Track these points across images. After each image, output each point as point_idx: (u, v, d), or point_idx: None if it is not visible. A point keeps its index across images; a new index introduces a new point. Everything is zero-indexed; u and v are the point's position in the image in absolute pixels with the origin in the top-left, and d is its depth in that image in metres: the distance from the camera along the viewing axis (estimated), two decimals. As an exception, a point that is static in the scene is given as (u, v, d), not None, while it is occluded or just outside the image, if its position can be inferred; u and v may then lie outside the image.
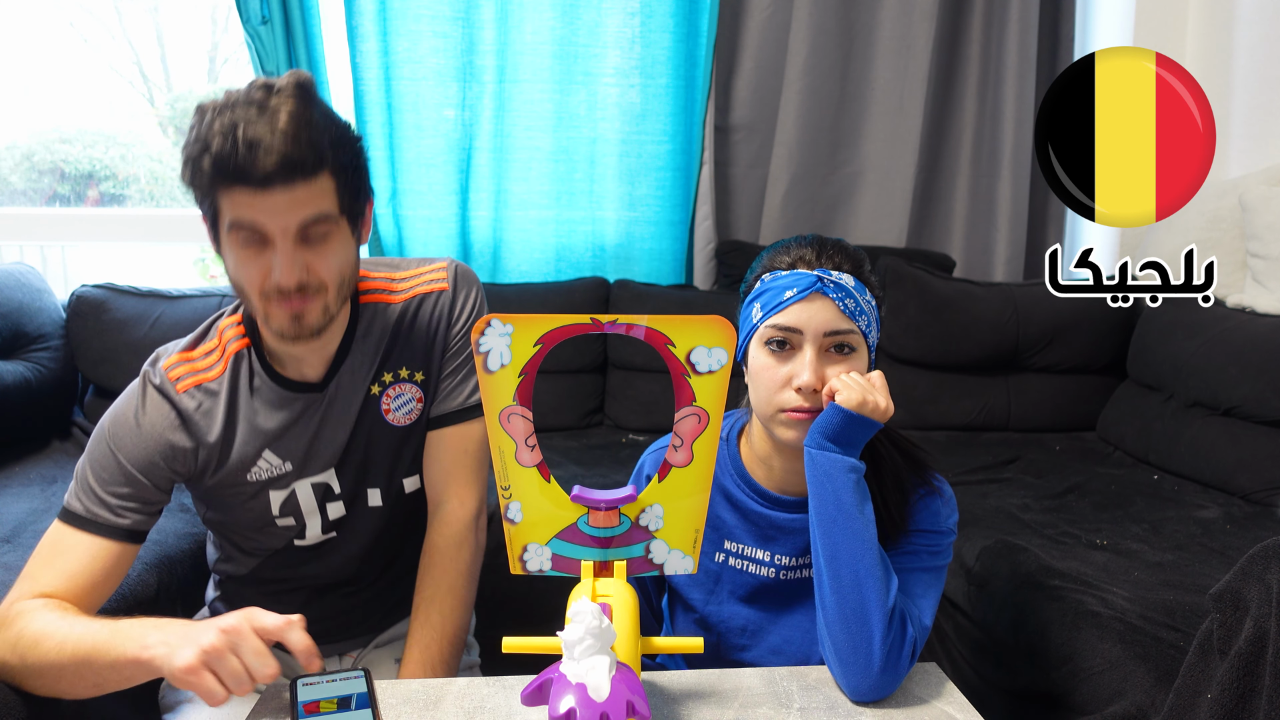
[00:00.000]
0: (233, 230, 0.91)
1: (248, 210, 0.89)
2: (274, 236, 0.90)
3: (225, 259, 0.95)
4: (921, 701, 0.87)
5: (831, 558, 0.88)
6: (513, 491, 0.79)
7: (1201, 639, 0.89)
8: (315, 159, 0.89)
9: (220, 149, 0.86)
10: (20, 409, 1.89)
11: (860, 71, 2.49)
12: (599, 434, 2.24)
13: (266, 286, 0.92)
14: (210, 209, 0.92)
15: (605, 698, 0.65)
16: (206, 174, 0.88)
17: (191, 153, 0.88)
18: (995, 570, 1.45)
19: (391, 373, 1.08)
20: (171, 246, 2.78)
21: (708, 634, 1.04)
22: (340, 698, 0.83)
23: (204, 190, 0.90)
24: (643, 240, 2.48)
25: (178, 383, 1.02)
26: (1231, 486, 1.79)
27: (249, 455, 1.04)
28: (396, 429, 1.09)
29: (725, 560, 1.02)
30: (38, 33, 2.57)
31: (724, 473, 1.03)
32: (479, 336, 0.72)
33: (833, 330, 0.90)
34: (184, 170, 0.90)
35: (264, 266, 0.92)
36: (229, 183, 0.88)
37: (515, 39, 2.31)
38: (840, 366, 0.91)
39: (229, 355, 1.04)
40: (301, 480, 1.06)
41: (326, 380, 1.06)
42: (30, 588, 0.94)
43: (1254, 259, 1.99)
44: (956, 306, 2.26)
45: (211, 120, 0.87)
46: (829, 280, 0.90)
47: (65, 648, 0.86)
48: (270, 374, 1.04)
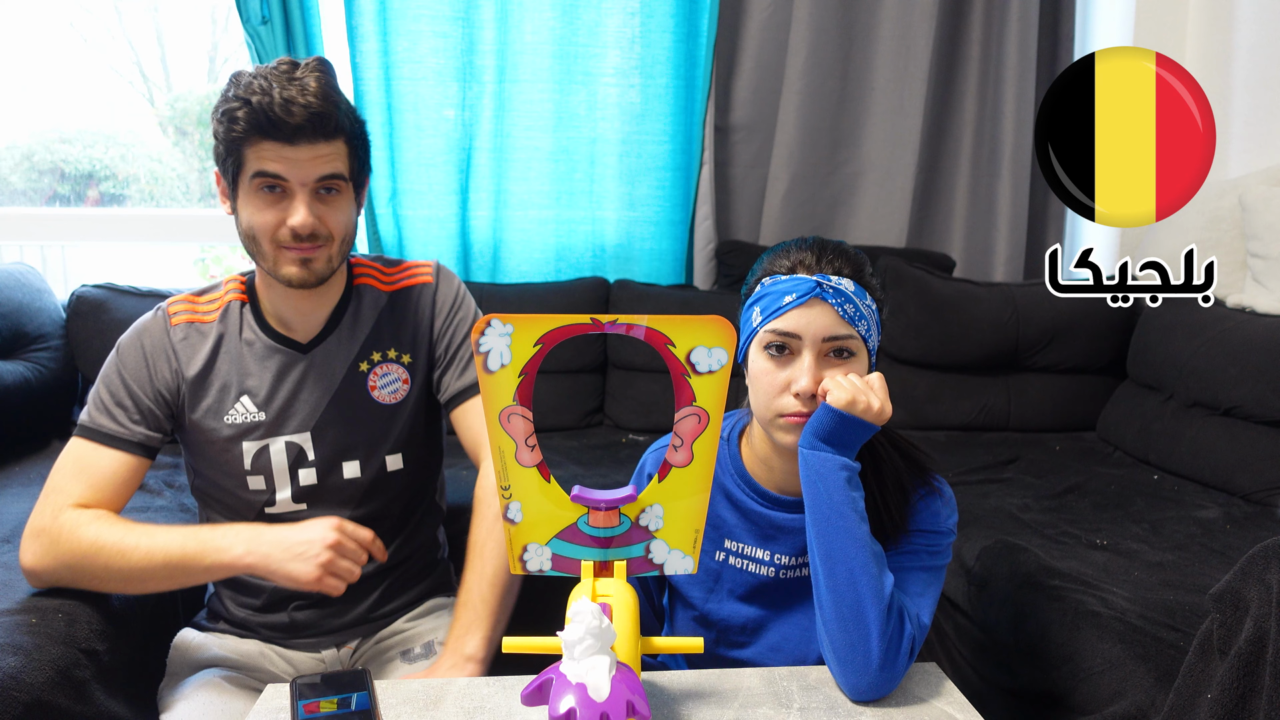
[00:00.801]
0: (256, 179, 1.03)
1: (275, 162, 1.02)
2: (294, 187, 1.03)
3: (241, 210, 1.06)
4: (921, 701, 0.87)
5: (826, 556, 0.89)
6: (513, 491, 0.79)
7: (1201, 639, 0.89)
8: (336, 123, 1.03)
9: (259, 104, 0.99)
10: (20, 409, 1.89)
11: (860, 71, 2.49)
12: (599, 434, 2.24)
13: (281, 232, 1.05)
14: (234, 163, 1.04)
15: (605, 698, 0.65)
16: (242, 125, 1.00)
17: (229, 107, 1.01)
18: (995, 570, 1.45)
19: (380, 352, 1.18)
20: (171, 246, 2.77)
21: (707, 631, 1.04)
22: (340, 698, 0.83)
23: (235, 142, 1.02)
24: (643, 240, 2.48)
25: (173, 316, 1.15)
26: (1231, 486, 1.79)
27: (228, 397, 1.13)
28: (382, 406, 1.17)
29: (725, 559, 1.03)
30: (38, 33, 2.57)
31: (724, 473, 1.03)
32: (479, 336, 0.72)
33: (831, 336, 0.90)
34: (219, 124, 1.02)
35: (281, 214, 1.04)
36: (262, 135, 1.00)
37: (515, 39, 2.31)
38: (839, 371, 0.91)
39: (224, 304, 1.16)
40: (276, 437, 1.13)
41: (313, 344, 1.15)
42: (64, 500, 1.06)
43: (1254, 259, 1.99)
44: (956, 306, 2.26)
45: (250, 81, 1.00)
46: (828, 286, 0.90)
47: (155, 556, 1.02)
48: (261, 326, 1.15)
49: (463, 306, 1.23)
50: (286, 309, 1.14)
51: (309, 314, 1.15)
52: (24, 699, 0.95)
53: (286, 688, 0.88)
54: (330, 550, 1.00)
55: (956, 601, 1.50)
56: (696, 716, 0.83)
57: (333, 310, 1.16)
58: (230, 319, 1.15)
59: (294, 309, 1.14)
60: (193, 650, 1.16)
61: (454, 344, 1.21)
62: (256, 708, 0.88)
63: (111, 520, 1.06)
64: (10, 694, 0.95)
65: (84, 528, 1.04)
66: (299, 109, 0.99)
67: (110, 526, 1.04)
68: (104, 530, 1.03)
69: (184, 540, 1.03)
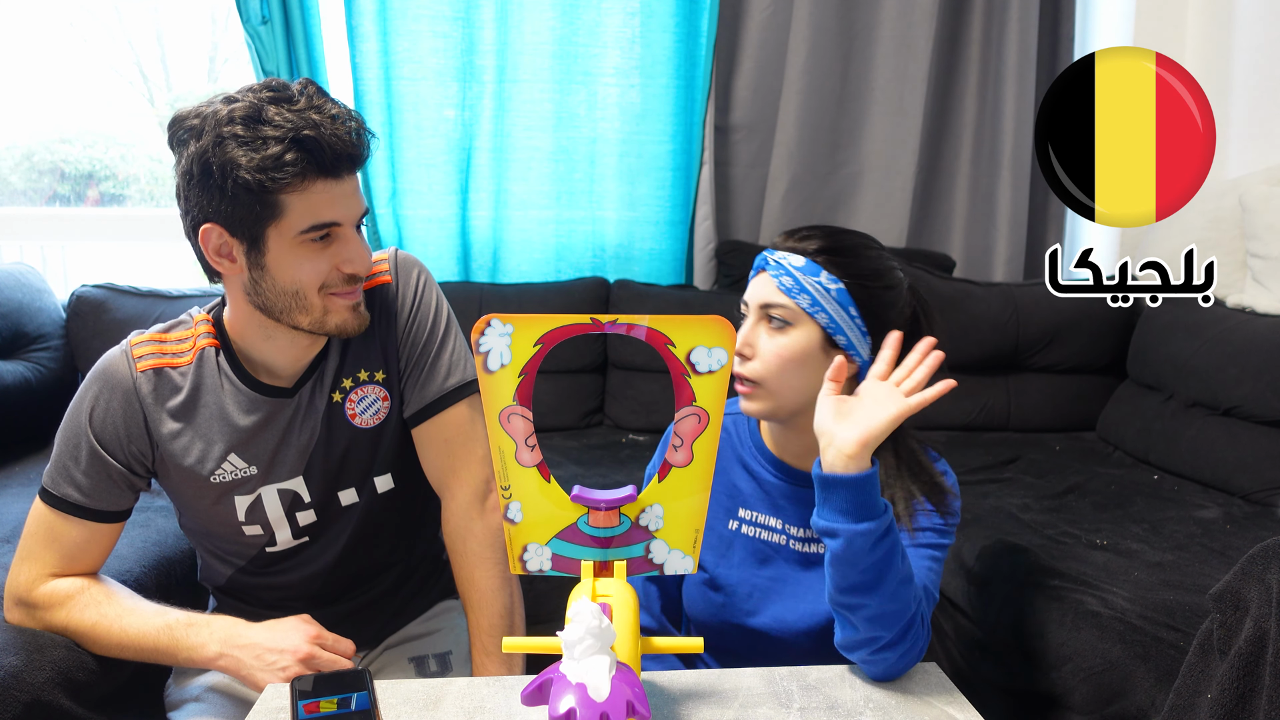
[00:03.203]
0: (309, 232, 0.92)
1: (328, 207, 0.92)
2: (345, 226, 0.94)
3: (276, 268, 0.94)
4: (921, 701, 0.87)
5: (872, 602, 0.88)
6: (513, 491, 0.79)
7: (1201, 639, 0.89)
8: (366, 148, 0.95)
9: (310, 139, 0.88)
10: (20, 409, 1.89)
11: (860, 71, 2.49)
12: (599, 434, 2.24)
13: (331, 279, 0.95)
14: (265, 217, 0.90)
15: (605, 698, 0.65)
16: (295, 168, 0.88)
17: (270, 154, 0.87)
18: (995, 570, 1.45)
19: (350, 377, 1.07)
20: (171, 246, 2.77)
21: (716, 595, 1.06)
22: (340, 698, 0.83)
23: (271, 193, 0.89)
24: (643, 240, 2.48)
25: (138, 361, 1.01)
26: (1231, 486, 1.79)
27: (213, 456, 1.03)
28: (366, 431, 1.08)
29: (738, 529, 1.06)
30: (38, 33, 2.57)
31: (741, 445, 1.08)
32: (479, 336, 0.72)
33: (766, 304, 0.97)
34: (257, 172, 0.88)
35: (330, 260, 0.94)
36: (316, 175, 0.90)
37: (515, 39, 2.31)
38: (772, 340, 0.97)
39: (197, 349, 1.03)
40: (267, 486, 1.06)
41: (298, 385, 1.05)
42: (39, 570, 1.01)
43: (1254, 259, 1.99)
44: (956, 306, 2.25)
45: (274, 117, 0.88)
46: (771, 259, 0.98)
47: (127, 648, 1.00)
48: (241, 375, 1.03)
49: (420, 305, 1.09)
50: (279, 357, 1.03)
51: (301, 358, 1.04)
52: (24, 699, 0.95)
53: (286, 688, 0.88)
54: (300, 664, 0.95)
55: (956, 601, 1.50)
56: (696, 716, 0.83)
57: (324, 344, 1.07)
58: (206, 369, 1.03)
59: (290, 358, 1.03)
60: None
61: (414, 352, 1.08)
62: (256, 708, 0.88)
63: (86, 601, 1.01)
64: (10, 693, 0.95)
65: (57, 610, 1.01)
66: (342, 141, 0.90)
67: (84, 610, 1.00)
68: (76, 615, 1.00)
69: (157, 635, 0.99)
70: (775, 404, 0.98)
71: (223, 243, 0.94)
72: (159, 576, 1.37)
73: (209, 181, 0.90)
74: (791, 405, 0.98)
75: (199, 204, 0.92)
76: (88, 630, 1.00)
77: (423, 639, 1.20)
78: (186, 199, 0.93)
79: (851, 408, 0.88)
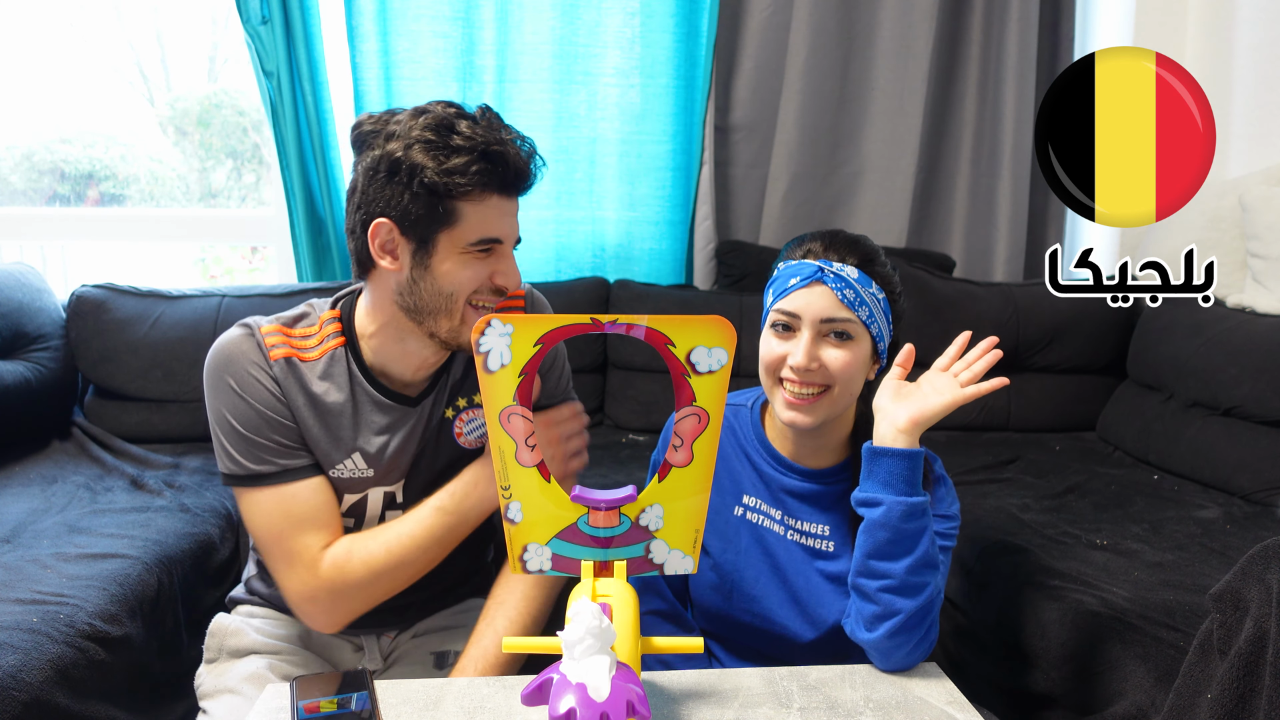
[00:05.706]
0: (478, 245, 0.97)
1: (497, 223, 0.98)
2: (506, 244, 1.00)
3: (439, 268, 0.98)
4: (921, 701, 0.87)
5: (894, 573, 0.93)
6: (513, 491, 0.79)
7: (1201, 639, 0.89)
8: (537, 174, 1.02)
9: (497, 154, 0.95)
10: (20, 409, 1.89)
11: (860, 71, 2.49)
12: (599, 434, 2.23)
13: (482, 289, 1.00)
14: (442, 218, 0.96)
15: (605, 698, 0.65)
16: (476, 178, 0.94)
17: (456, 162, 0.94)
18: (995, 570, 1.45)
19: (465, 398, 1.13)
20: (171, 246, 2.78)
21: (722, 582, 1.07)
22: (340, 697, 0.83)
23: (450, 197, 0.95)
24: (643, 240, 2.48)
25: (272, 350, 1.03)
26: (1231, 486, 1.79)
27: (337, 452, 1.06)
28: (468, 451, 1.13)
29: (743, 515, 1.08)
30: (38, 33, 2.57)
31: (746, 439, 1.09)
32: (479, 336, 0.72)
33: (829, 318, 0.96)
34: (444, 175, 0.94)
35: (486, 270, 0.99)
36: (493, 189, 0.96)
37: (515, 39, 2.31)
38: (838, 352, 0.96)
39: (326, 349, 1.06)
40: (376, 488, 1.10)
41: (422, 396, 1.10)
42: (309, 554, 1.01)
43: (1254, 259, 1.99)
44: (956, 306, 2.25)
45: (465, 131, 0.95)
46: (829, 271, 0.96)
47: (429, 549, 1.03)
48: (370, 380, 1.07)
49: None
50: (405, 362, 1.06)
51: (423, 369, 1.08)
52: (23, 698, 0.96)
53: (287, 688, 0.88)
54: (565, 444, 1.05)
55: (956, 601, 1.50)
56: (696, 716, 0.83)
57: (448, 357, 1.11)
58: (337, 369, 1.05)
59: (414, 365, 1.07)
60: (230, 635, 1.14)
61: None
62: (257, 708, 0.88)
63: (362, 542, 1.03)
64: (9, 693, 0.95)
65: (350, 563, 1.02)
66: (521, 161, 0.98)
67: (367, 547, 1.02)
68: (366, 555, 1.02)
69: (433, 521, 1.03)
70: (832, 414, 1.00)
71: (390, 240, 0.98)
72: (160, 575, 1.38)
73: (395, 180, 0.95)
74: (839, 413, 1.01)
75: (378, 200, 0.97)
76: (383, 559, 1.01)
77: (446, 632, 1.21)
78: (364, 194, 0.98)
79: (910, 391, 0.96)
